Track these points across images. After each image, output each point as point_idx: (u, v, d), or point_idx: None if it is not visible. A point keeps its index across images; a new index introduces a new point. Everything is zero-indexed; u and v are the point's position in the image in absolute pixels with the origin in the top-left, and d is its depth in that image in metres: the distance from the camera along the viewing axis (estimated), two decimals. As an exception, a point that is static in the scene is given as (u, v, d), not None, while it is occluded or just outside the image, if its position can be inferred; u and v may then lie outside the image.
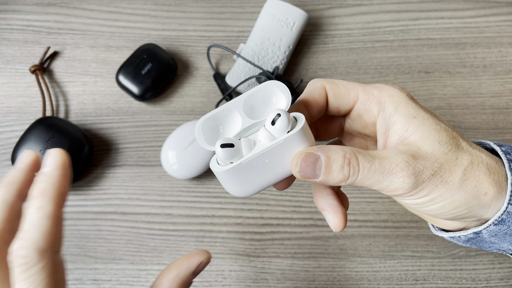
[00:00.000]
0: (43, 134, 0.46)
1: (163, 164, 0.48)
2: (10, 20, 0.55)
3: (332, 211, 0.27)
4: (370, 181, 0.24)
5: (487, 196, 0.24)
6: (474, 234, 0.27)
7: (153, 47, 0.52)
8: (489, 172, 0.24)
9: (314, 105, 0.27)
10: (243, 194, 0.26)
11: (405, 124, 0.25)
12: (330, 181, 0.24)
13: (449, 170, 0.24)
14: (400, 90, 0.26)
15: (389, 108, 0.26)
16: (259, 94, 0.26)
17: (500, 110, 0.51)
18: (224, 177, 0.25)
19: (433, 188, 0.24)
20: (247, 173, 0.24)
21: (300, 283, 0.46)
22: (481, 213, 0.25)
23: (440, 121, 0.25)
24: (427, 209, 0.25)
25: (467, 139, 0.26)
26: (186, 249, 0.47)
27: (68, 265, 0.47)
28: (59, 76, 0.53)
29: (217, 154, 0.24)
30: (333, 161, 0.24)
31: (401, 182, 0.23)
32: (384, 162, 0.24)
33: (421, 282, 0.45)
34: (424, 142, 0.24)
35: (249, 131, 0.26)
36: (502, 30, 0.54)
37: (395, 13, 0.55)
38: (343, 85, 0.27)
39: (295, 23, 0.51)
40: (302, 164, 0.24)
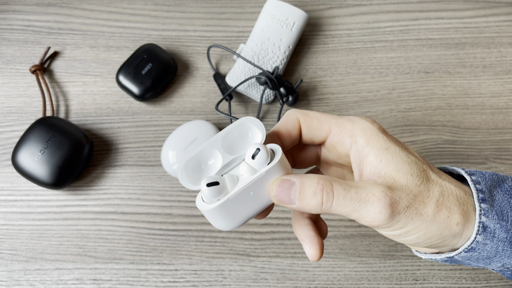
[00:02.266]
0: (43, 134, 0.46)
1: (163, 164, 0.48)
2: (10, 20, 0.55)
3: (309, 242, 0.28)
4: (346, 209, 0.24)
5: (459, 226, 0.25)
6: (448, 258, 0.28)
7: (153, 47, 0.52)
8: (459, 203, 0.25)
9: (287, 136, 0.28)
10: (230, 228, 0.26)
11: (378, 155, 0.26)
12: (306, 206, 0.25)
13: (422, 202, 0.25)
14: (371, 122, 0.27)
15: (360, 140, 0.26)
16: (235, 130, 0.27)
17: (499, 110, 0.51)
18: (212, 215, 0.26)
19: (408, 220, 0.24)
20: (234, 207, 0.26)
21: (300, 283, 0.46)
22: (453, 242, 0.26)
23: (410, 153, 0.26)
24: (403, 239, 0.26)
25: (436, 170, 0.26)
26: (186, 249, 0.47)
27: (68, 265, 0.47)
28: (59, 76, 0.53)
29: (203, 193, 0.25)
30: (307, 187, 0.25)
31: (378, 213, 0.24)
32: (360, 191, 0.24)
33: (421, 282, 0.45)
34: (398, 174, 0.25)
35: (229, 167, 0.27)
36: (501, 30, 0.54)
37: (395, 13, 0.55)
38: (316, 117, 0.28)
39: (295, 23, 0.51)
40: (277, 189, 0.25)
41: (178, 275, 0.46)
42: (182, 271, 0.46)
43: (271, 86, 0.49)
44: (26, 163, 0.46)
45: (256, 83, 0.51)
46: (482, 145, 0.50)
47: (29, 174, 0.46)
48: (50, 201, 0.49)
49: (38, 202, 0.49)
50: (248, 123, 0.27)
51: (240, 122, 0.27)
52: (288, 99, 0.50)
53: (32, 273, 0.46)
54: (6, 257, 0.47)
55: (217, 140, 0.27)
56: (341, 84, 0.52)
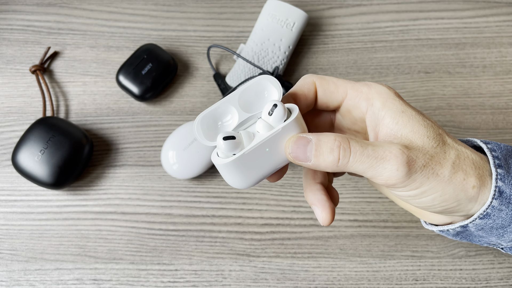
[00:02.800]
0: (43, 134, 0.46)
1: (163, 164, 0.48)
2: (10, 20, 0.55)
3: (321, 206, 0.28)
4: (363, 166, 0.24)
5: (475, 189, 0.25)
6: (461, 227, 0.27)
7: (153, 47, 0.52)
8: (475, 166, 0.25)
9: (302, 99, 0.28)
10: (245, 185, 0.26)
11: (394, 117, 0.26)
12: (322, 163, 0.25)
13: (439, 163, 0.24)
14: (387, 88, 0.27)
15: (377, 103, 0.26)
16: (252, 88, 0.27)
17: (499, 110, 0.51)
18: (227, 169, 0.25)
19: (424, 180, 0.24)
20: (249, 163, 0.25)
21: (300, 283, 0.46)
22: (469, 207, 0.25)
23: (426, 118, 0.26)
24: (418, 201, 0.26)
25: (452, 136, 0.26)
26: (186, 249, 0.47)
27: (68, 265, 0.47)
28: (59, 76, 0.53)
29: (219, 147, 0.25)
30: (323, 143, 0.25)
31: (394, 170, 0.24)
32: (377, 149, 0.24)
33: (421, 282, 0.45)
34: (415, 135, 0.25)
35: (245, 125, 0.27)
36: (501, 30, 0.54)
37: (395, 13, 0.55)
38: (332, 81, 0.28)
39: (295, 23, 0.51)
40: (293, 146, 0.25)
41: (178, 275, 0.46)
42: (182, 271, 0.46)
43: (271, 86, 0.49)
44: (26, 163, 0.46)
45: (256, 83, 0.51)
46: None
47: (29, 174, 0.46)
48: (50, 201, 0.49)
49: (38, 202, 0.49)
50: (265, 81, 0.27)
51: (257, 80, 0.27)
52: (288, 99, 0.50)
53: (32, 273, 0.46)
54: (6, 257, 0.47)
55: (234, 97, 0.26)
56: (341, 84, 0.52)
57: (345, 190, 0.48)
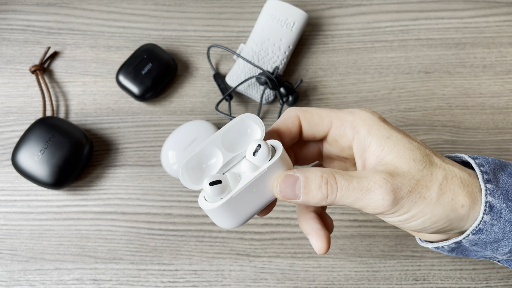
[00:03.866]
0: (43, 134, 0.46)
1: (163, 164, 0.48)
2: (10, 20, 0.55)
3: (316, 235, 0.28)
4: (349, 199, 0.25)
5: (464, 208, 0.25)
6: (455, 243, 0.27)
7: (153, 47, 0.52)
8: (463, 185, 0.25)
9: (286, 133, 0.28)
10: (234, 226, 0.26)
11: (380, 144, 0.26)
12: (311, 200, 0.25)
13: (425, 186, 0.25)
14: (371, 113, 0.27)
15: (362, 131, 0.27)
16: (234, 128, 0.27)
17: (499, 110, 0.51)
18: (216, 214, 0.26)
19: (412, 204, 0.25)
20: (237, 205, 0.25)
21: (300, 283, 0.46)
22: (461, 225, 0.26)
23: (413, 139, 0.27)
24: (409, 225, 0.26)
25: (439, 155, 0.27)
26: (186, 249, 0.47)
27: (68, 265, 0.47)
28: (59, 76, 0.53)
29: (205, 192, 0.25)
30: (311, 181, 0.25)
31: (380, 200, 0.24)
32: (362, 181, 0.24)
33: (421, 282, 0.45)
34: (400, 160, 0.25)
35: (230, 165, 0.27)
36: (501, 30, 0.54)
37: (395, 13, 0.55)
38: (316, 113, 0.28)
39: (295, 23, 0.51)
40: (282, 185, 0.25)
41: (178, 275, 0.46)
42: (182, 271, 0.46)
43: (271, 86, 0.49)
44: (26, 163, 0.46)
45: (256, 83, 0.51)
46: (482, 145, 0.50)
47: (29, 174, 0.46)
48: (50, 201, 0.49)
49: (38, 202, 0.49)
50: (247, 120, 0.27)
51: (238, 119, 0.27)
52: (288, 99, 0.50)
53: (32, 273, 0.46)
54: (6, 257, 0.47)
55: (217, 138, 0.27)
56: (341, 84, 0.52)
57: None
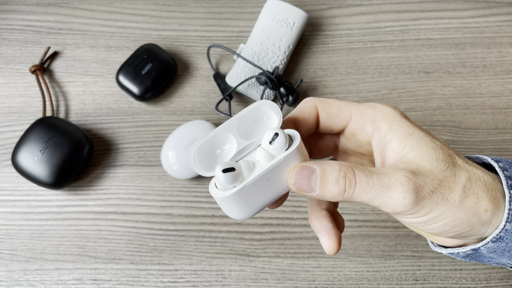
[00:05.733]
0: (43, 134, 0.46)
1: (163, 164, 0.48)
2: (10, 20, 0.55)
3: (326, 234, 0.27)
4: (368, 196, 0.23)
5: (487, 213, 0.24)
6: (472, 250, 0.26)
7: (153, 47, 0.52)
8: (487, 189, 0.24)
9: (303, 123, 0.27)
10: (245, 217, 0.25)
11: (401, 141, 0.25)
12: (327, 194, 0.24)
13: (449, 187, 0.24)
14: (393, 108, 0.26)
15: (383, 126, 0.25)
16: (250, 114, 0.26)
17: (499, 110, 0.51)
18: (227, 202, 0.25)
19: (434, 205, 0.23)
20: (249, 195, 0.24)
21: (300, 283, 0.46)
22: (482, 231, 0.25)
23: (435, 138, 0.25)
24: (428, 227, 0.25)
25: (462, 156, 0.25)
26: (186, 249, 0.47)
27: (68, 265, 0.47)
28: (59, 76, 0.53)
29: (218, 179, 0.24)
30: (328, 174, 0.24)
31: (401, 198, 0.23)
32: (383, 177, 0.23)
33: (421, 282, 0.45)
34: (423, 159, 0.24)
35: (244, 152, 0.26)
36: (502, 30, 0.54)
37: (395, 13, 0.55)
38: (335, 104, 0.27)
39: (295, 23, 0.51)
40: (297, 176, 0.24)
41: (178, 275, 0.46)
42: (182, 271, 0.46)
43: (271, 86, 0.49)
44: (26, 163, 0.46)
45: (256, 83, 0.51)
46: (482, 145, 0.50)
47: (29, 174, 0.46)
48: (50, 201, 0.49)
49: (38, 202, 0.49)
50: (263, 107, 0.26)
51: (255, 106, 0.26)
52: (288, 99, 0.50)
53: (32, 273, 0.46)
54: (6, 257, 0.47)
55: (232, 124, 0.25)
56: (341, 84, 0.52)
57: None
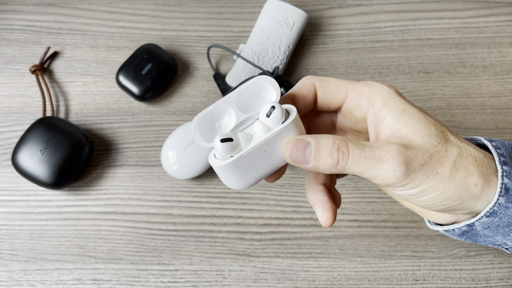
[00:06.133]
0: (43, 134, 0.46)
1: (163, 164, 0.48)
2: (10, 20, 0.55)
3: (322, 207, 0.28)
4: (360, 167, 0.24)
5: (477, 187, 0.25)
6: (467, 226, 0.27)
7: (153, 47, 0.52)
8: (477, 164, 0.25)
9: (301, 100, 0.28)
10: (242, 187, 0.26)
11: (395, 117, 0.26)
12: (321, 166, 0.25)
13: (439, 161, 0.24)
14: (388, 86, 0.27)
15: (378, 103, 0.26)
16: (250, 89, 0.27)
17: (500, 110, 0.51)
18: (224, 171, 0.25)
19: (424, 178, 0.24)
20: (246, 165, 0.25)
21: (300, 283, 0.46)
22: (472, 205, 0.25)
23: (428, 115, 0.26)
24: (418, 200, 0.26)
25: (455, 134, 0.26)
26: (186, 249, 0.47)
27: (68, 265, 0.47)
28: (59, 76, 0.53)
29: (216, 149, 0.25)
30: (322, 146, 0.25)
31: (392, 170, 0.24)
32: (374, 150, 0.24)
33: (421, 282, 0.45)
34: (415, 134, 0.25)
35: (243, 126, 0.27)
36: (502, 30, 0.54)
37: (395, 13, 0.55)
38: (332, 82, 0.28)
39: (295, 23, 0.51)
40: (292, 149, 0.25)
41: (178, 275, 0.46)
42: (182, 271, 0.46)
43: (271, 86, 0.49)
44: (26, 163, 0.46)
45: (256, 83, 0.51)
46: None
47: (29, 174, 0.46)
48: (50, 201, 0.49)
49: (38, 202, 0.49)
50: (262, 82, 0.27)
51: (254, 81, 0.27)
52: (288, 99, 0.50)
53: (32, 273, 0.46)
54: (6, 257, 0.47)
55: (231, 98, 0.26)
56: (341, 84, 0.52)
57: (345, 190, 0.48)
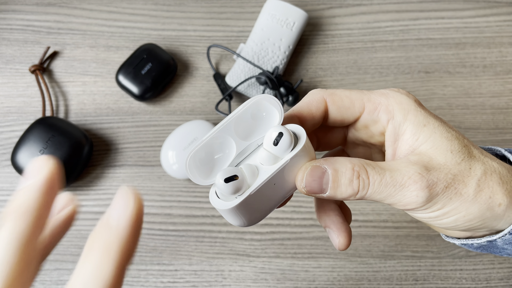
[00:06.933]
0: (43, 134, 0.46)
1: (163, 164, 0.48)
2: (10, 20, 0.55)
3: (336, 229, 0.26)
4: (381, 195, 0.23)
5: (501, 207, 0.23)
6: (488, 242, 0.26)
7: (153, 47, 0.52)
8: (502, 181, 0.23)
9: (308, 118, 0.25)
10: (250, 224, 0.24)
11: (415, 133, 0.24)
12: (338, 195, 0.23)
13: (463, 182, 0.23)
14: (407, 95, 0.25)
15: (398, 116, 0.24)
16: (248, 112, 0.24)
17: (500, 110, 0.51)
18: (231, 213, 0.23)
19: (447, 201, 0.23)
20: (255, 201, 0.23)
21: (300, 283, 0.46)
22: (493, 224, 0.24)
23: (450, 128, 0.24)
24: (439, 222, 0.24)
25: (477, 147, 0.25)
26: (186, 249, 0.47)
27: (68, 265, 0.47)
28: (59, 76, 0.53)
29: (219, 188, 0.22)
30: (341, 174, 0.22)
31: (414, 196, 0.22)
32: (395, 175, 0.22)
33: (421, 282, 0.45)
34: (436, 151, 0.23)
35: (244, 154, 0.24)
36: (502, 30, 0.54)
37: (395, 13, 0.55)
38: (346, 96, 0.25)
39: (295, 23, 0.51)
40: (308, 178, 0.23)
41: (178, 275, 0.46)
42: (182, 272, 0.46)
43: (271, 86, 0.49)
44: (25, 163, 0.46)
45: (256, 83, 0.51)
46: (482, 145, 0.49)
47: (29, 174, 0.46)
48: (49, 201, 0.49)
49: (37, 202, 0.48)
50: (261, 101, 0.23)
51: (253, 102, 0.23)
52: (288, 99, 0.50)
53: (32, 273, 0.46)
54: (5, 257, 0.47)
55: (229, 125, 0.23)
56: (342, 84, 0.52)
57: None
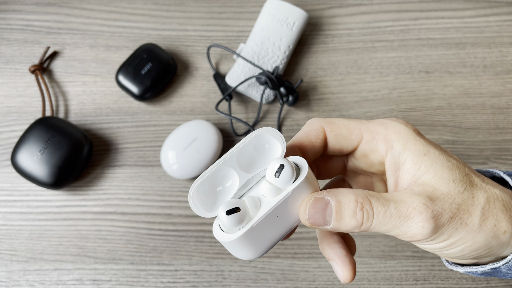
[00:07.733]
0: (42, 134, 0.46)
1: (162, 164, 0.48)
2: (9, 20, 0.55)
3: (341, 262, 0.25)
4: (386, 227, 0.22)
5: (506, 234, 0.23)
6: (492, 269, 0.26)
7: (153, 47, 0.51)
8: (505, 209, 0.23)
9: (309, 148, 0.25)
10: (255, 256, 0.24)
11: (416, 162, 0.23)
12: (342, 227, 0.23)
13: (467, 211, 0.23)
14: (405, 125, 0.25)
15: (397, 146, 0.24)
16: (250, 144, 0.24)
17: (500, 110, 0.51)
18: (234, 246, 0.23)
19: (453, 231, 0.22)
20: (258, 234, 0.23)
21: (300, 283, 0.45)
22: (499, 252, 0.24)
23: (451, 156, 0.24)
24: (446, 252, 0.24)
25: (478, 174, 0.25)
26: (186, 249, 0.47)
27: (68, 265, 0.46)
28: (58, 76, 0.53)
29: (221, 221, 0.22)
30: (344, 206, 0.22)
31: (420, 227, 0.22)
32: (400, 206, 0.22)
33: (421, 282, 0.45)
34: (439, 181, 0.23)
35: (247, 186, 0.24)
36: (502, 30, 0.54)
37: (395, 13, 0.55)
38: (344, 124, 0.26)
39: (295, 23, 0.51)
40: (311, 210, 0.23)
41: (177, 275, 0.46)
42: (182, 272, 0.46)
43: (271, 86, 0.49)
44: (25, 163, 0.46)
45: (256, 83, 0.51)
46: (482, 145, 0.49)
47: (29, 174, 0.46)
48: (49, 201, 0.49)
49: (37, 202, 0.49)
50: (265, 135, 0.24)
51: (255, 135, 0.24)
52: (288, 99, 0.50)
53: (32, 273, 0.46)
54: (5, 257, 0.47)
55: (232, 157, 0.24)
56: (342, 84, 0.52)
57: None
